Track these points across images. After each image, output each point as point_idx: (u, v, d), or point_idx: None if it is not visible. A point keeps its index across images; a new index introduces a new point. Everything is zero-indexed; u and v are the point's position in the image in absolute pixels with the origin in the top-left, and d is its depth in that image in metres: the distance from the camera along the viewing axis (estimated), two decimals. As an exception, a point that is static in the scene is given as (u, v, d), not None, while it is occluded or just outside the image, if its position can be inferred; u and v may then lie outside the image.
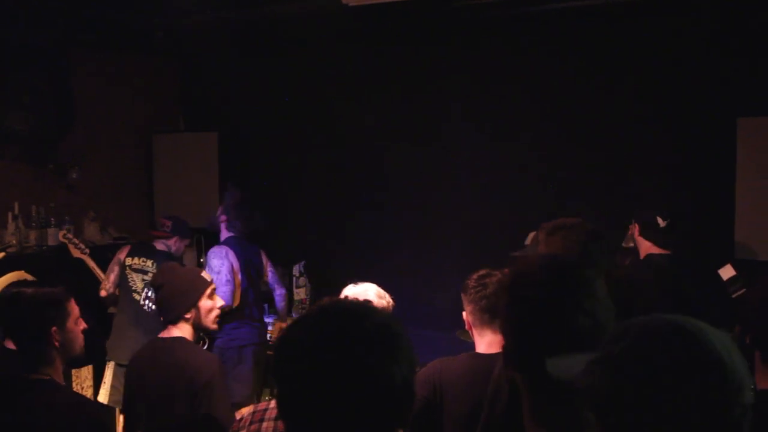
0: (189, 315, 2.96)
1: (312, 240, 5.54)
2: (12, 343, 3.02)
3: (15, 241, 4.95)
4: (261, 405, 2.46)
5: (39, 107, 4.92)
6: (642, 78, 4.47)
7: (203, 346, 3.54)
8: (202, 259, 5.85)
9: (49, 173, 5.38)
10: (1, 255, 4.64)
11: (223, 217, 4.64)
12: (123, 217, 5.81)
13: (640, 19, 4.41)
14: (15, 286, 3.37)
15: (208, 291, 3.04)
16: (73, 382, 4.74)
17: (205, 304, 3.02)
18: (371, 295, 2.86)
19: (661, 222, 3.72)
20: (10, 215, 5.03)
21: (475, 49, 4.95)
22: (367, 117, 5.32)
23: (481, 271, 2.67)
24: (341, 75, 5.49)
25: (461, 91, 5.02)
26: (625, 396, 1.01)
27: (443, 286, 4.42)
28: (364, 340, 1.20)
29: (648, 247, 3.79)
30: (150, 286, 4.24)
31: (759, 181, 4.02)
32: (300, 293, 5.33)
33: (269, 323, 4.94)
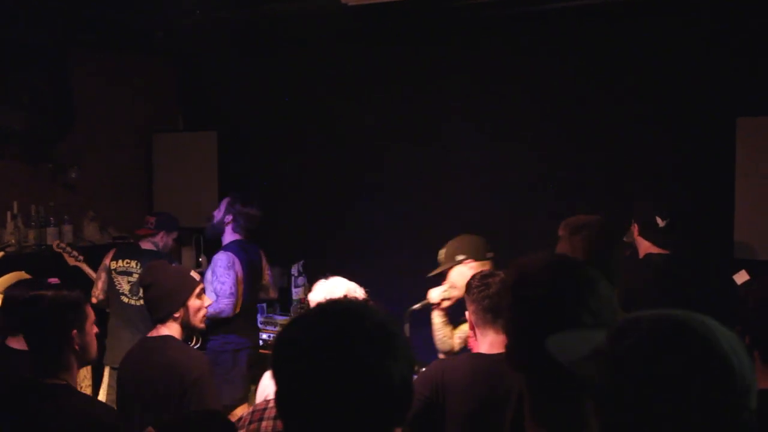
0: (178, 314, 2.96)
1: (311, 239, 5.53)
2: (14, 342, 3.02)
3: (14, 241, 4.95)
4: (260, 404, 2.46)
5: (38, 107, 4.92)
6: (642, 78, 4.46)
7: (195, 344, 3.54)
8: (201, 258, 5.85)
9: (49, 173, 5.38)
10: (0, 254, 4.64)
11: (229, 218, 4.61)
12: (122, 217, 5.80)
13: (640, 19, 4.41)
14: (16, 286, 3.33)
15: (196, 290, 3.05)
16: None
17: (194, 303, 3.02)
18: (342, 290, 2.89)
19: (661, 222, 3.72)
20: (9, 215, 5.02)
21: (475, 49, 4.94)
22: (367, 117, 5.32)
23: (484, 271, 2.67)
24: (341, 75, 5.48)
25: (461, 91, 5.01)
26: (626, 396, 1.01)
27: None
28: (363, 339, 1.20)
29: (647, 247, 3.78)
30: (137, 285, 4.22)
31: (759, 181, 4.02)
32: (299, 293, 5.32)
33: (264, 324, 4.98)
